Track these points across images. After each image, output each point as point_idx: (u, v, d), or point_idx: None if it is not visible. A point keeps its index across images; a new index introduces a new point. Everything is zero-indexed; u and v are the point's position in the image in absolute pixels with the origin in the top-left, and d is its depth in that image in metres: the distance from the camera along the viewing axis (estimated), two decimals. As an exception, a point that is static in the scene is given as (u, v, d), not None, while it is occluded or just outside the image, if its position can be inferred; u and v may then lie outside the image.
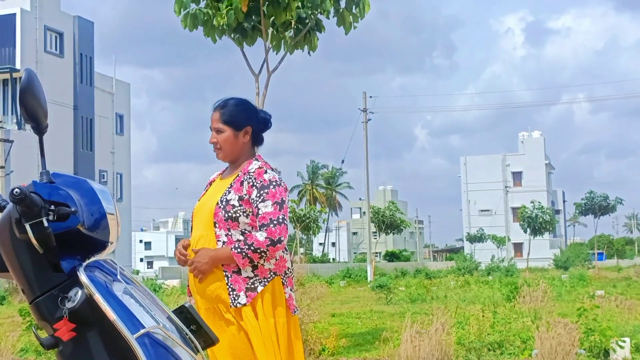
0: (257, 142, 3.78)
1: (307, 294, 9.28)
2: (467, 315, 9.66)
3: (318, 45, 9.86)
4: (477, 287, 22.60)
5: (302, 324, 8.34)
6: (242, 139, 3.68)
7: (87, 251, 2.17)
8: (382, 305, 16.51)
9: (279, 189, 3.56)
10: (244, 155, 3.71)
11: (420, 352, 7.20)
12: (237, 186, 3.58)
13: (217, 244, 3.53)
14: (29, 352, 9.22)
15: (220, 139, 3.66)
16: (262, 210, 3.49)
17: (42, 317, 2.12)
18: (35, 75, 2.18)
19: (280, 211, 3.51)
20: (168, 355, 2.10)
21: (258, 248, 3.44)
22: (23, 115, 2.18)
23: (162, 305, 2.26)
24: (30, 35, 44.20)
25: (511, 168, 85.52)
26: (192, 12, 9.27)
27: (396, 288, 22.31)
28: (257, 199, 3.52)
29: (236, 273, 3.49)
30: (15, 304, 18.94)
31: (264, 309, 3.50)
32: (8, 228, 2.12)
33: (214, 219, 3.55)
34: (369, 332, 10.24)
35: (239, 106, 3.72)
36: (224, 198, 3.56)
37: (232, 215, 3.53)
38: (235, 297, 3.48)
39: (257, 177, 3.56)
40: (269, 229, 3.45)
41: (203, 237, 3.60)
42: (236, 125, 3.67)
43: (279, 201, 3.52)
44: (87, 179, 2.29)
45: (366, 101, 44.38)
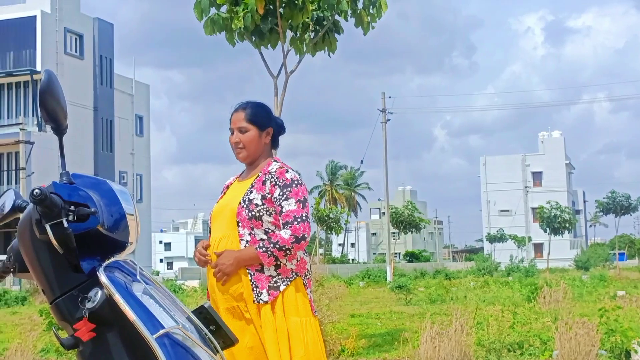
0: (275, 145, 3.84)
1: (326, 294, 9.28)
2: (487, 315, 9.60)
3: (337, 46, 9.87)
4: (496, 288, 22.48)
5: (321, 324, 8.33)
6: (264, 139, 3.73)
7: (106, 252, 2.18)
8: (401, 305, 16.48)
9: (301, 188, 3.61)
10: (263, 157, 3.74)
11: (440, 353, 7.18)
12: (259, 185, 3.60)
13: (241, 243, 3.55)
14: (49, 352, 9.28)
15: (245, 138, 3.69)
16: (286, 208, 3.52)
17: (63, 318, 2.13)
18: (55, 77, 2.19)
19: (304, 209, 3.55)
20: (188, 356, 2.10)
21: (283, 246, 3.46)
22: (43, 116, 2.20)
23: (181, 306, 2.27)
24: (50, 37, 44.51)
25: (531, 168, 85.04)
26: (212, 17, 9.30)
27: (416, 289, 22.25)
28: (280, 197, 3.55)
29: (259, 271, 3.51)
30: (36, 304, 19.09)
31: (285, 308, 3.51)
32: (29, 229, 2.13)
33: (237, 218, 3.57)
34: (389, 333, 10.22)
35: (261, 107, 3.79)
36: (247, 198, 3.58)
37: (255, 214, 3.55)
38: (258, 293, 3.50)
39: (279, 176, 3.59)
40: (293, 226, 3.48)
41: (225, 237, 3.61)
42: (260, 125, 3.72)
43: (302, 199, 3.57)
44: (107, 180, 2.30)
45: (385, 101, 44.30)
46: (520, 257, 55.58)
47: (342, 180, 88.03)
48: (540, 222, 58.11)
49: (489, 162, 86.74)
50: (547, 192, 76.68)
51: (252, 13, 9.06)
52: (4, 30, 44.67)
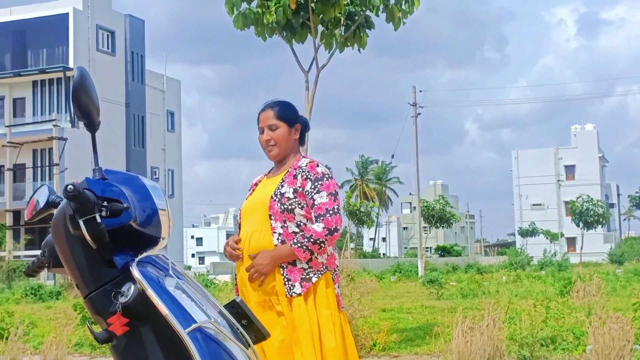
0: (301, 141, 3.90)
1: (357, 288, 9.27)
2: (519, 310, 9.53)
3: (368, 42, 9.84)
4: (529, 282, 22.30)
5: (353, 319, 8.34)
6: (294, 135, 3.79)
7: (139, 247, 2.19)
8: (433, 300, 16.42)
9: (332, 181, 3.66)
10: (292, 153, 3.79)
11: (472, 347, 7.14)
12: (290, 180, 3.65)
13: (273, 237, 3.59)
14: (84, 346, 9.38)
15: (276, 135, 3.73)
16: (318, 201, 3.58)
17: (96, 312, 2.15)
18: (88, 73, 2.21)
19: (335, 201, 3.61)
20: (220, 350, 2.11)
21: (317, 239, 3.51)
22: (76, 113, 2.21)
23: (213, 300, 2.28)
24: (82, 34, 44.95)
25: (564, 161, 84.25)
26: (243, 12, 9.32)
27: (447, 283, 22.14)
28: (312, 190, 3.60)
29: (291, 264, 3.56)
30: (70, 299, 19.31)
31: (316, 300, 3.56)
32: (62, 224, 2.15)
33: (270, 212, 3.61)
34: (420, 327, 10.18)
35: (288, 105, 3.84)
36: (278, 191, 3.63)
37: (287, 208, 3.59)
38: (290, 287, 3.54)
39: (310, 170, 3.65)
40: (325, 218, 3.54)
41: (257, 231, 3.64)
42: (290, 122, 3.77)
43: (333, 192, 3.62)
44: (139, 176, 2.31)
45: (416, 95, 44.14)
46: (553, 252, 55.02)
47: (373, 174, 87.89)
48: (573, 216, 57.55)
49: (521, 155, 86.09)
50: (580, 186, 75.92)
51: (283, 7, 9.07)
52: (37, 28, 45.20)
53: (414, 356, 7.94)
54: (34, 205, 2.41)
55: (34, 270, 2.56)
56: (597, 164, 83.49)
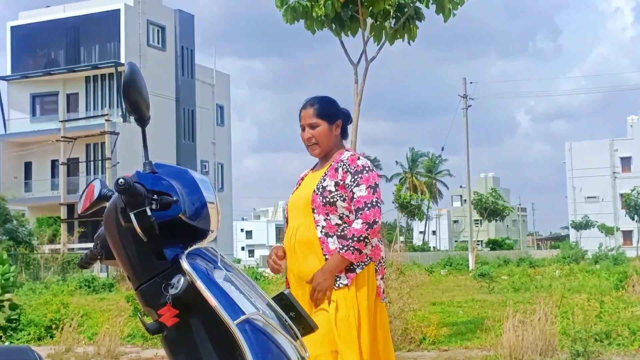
0: (344, 135, 3.92)
1: (407, 282, 9.25)
2: (573, 304, 9.41)
3: (418, 34, 9.78)
4: (582, 276, 21.95)
5: (402, 312, 8.34)
6: (335, 131, 3.83)
7: (188, 239, 2.20)
8: (484, 294, 16.29)
9: (372, 174, 3.69)
10: (335, 148, 3.83)
11: (524, 342, 7.08)
12: (331, 173, 3.71)
13: (317, 229, 3.65)
14: (136, 337, 9.54)
15: (316, 133, 3.79)
16: (357, 194, 3.62)
17: (147, 303, 2.17)
18: (138, 69, 2.23)
19: (374, 194, 3.63)
20: (268, 342, 2.12)
21: (360, 236, 3.55)
22: (127, 108, 2.24)
23: (261, 293, 2.29)
24: (133, 29, 45.50)
25: (619, 153, 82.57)
26: (292, 5, 9.34)
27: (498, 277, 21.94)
28: (352, 183, 3.64)
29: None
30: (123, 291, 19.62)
31: (357, 290, 3.61)
32: (114, 217, 2.19)
33: (312, 205, 3.68)
34: (471, 321, 10.13)
35: (328, 101, 3.87)
36: (320, 185, 3.69)
37: (329, 200, 3.65)
38: (337, 278, 3.59)
39: (350, 164, 3.69)
40: (363, 212, 3.58)
41: (302, 224, 3.71)
42: (330, 119, 3.81)
43: (372, 185, 3.65)
44: (189, 169, 2.33)
45: (466, 87, 43.70)
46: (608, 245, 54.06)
47: (423, 167, 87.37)
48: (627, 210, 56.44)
49: (575, 147, 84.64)
50: (637, 178, 74.35)
51: (332, 0, 9.07)
52: (89, 24, 45.91)
53: (464, 350, 7.90)
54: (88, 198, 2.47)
55: (87, 262, 2.61)
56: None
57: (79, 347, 8.99)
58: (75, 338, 9.20)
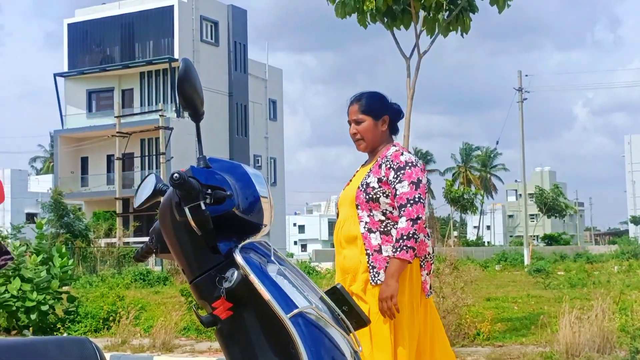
0: (394, 131, 3.92)
1: (461, 277, 9.18)
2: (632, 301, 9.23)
3: (471, 26, 9.69)
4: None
5: (456, 307, 8.28)
6: (380, 127, 3.83)
7: (242, 233, 2.22)
8: (539, 289, 16.06)
9: (415, 170, 3.67)
10: (382, 143, 3.84)
11: (581, 338, 6.98)
12: (375, 169, 3.73)
13: (360, 225, 3.68)
14: (190, 330, 9.65)
15: (361, 129, 3.81)
16: (400, 190, 3.63)
17: (201, 297, 2.20)
18: (192, 65, 2.26)
19: (417, 190, 3.62)
20: (321, 335, 2.13)
21: (407, 233, 3.55)
22: (181, 104, 2.27)
23: (314, 287, 2.29)
24: (187, 25, 45.92)
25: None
26: (343, 0, 9.33)
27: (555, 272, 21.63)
28: (395, 180, 3.65)
29: (377, 252, 3.63)
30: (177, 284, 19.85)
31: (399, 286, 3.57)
32: (169, 211, 2.22)
33: (356, 202, 3.71)
34: (526, 317, 10.01)
35: (374, 97, 3.87)
36: (364, 182, 3.72)
37: (372, 197, 3.68)
38: (375, 274, 3.61)
39: (393, 160, 3.70)
40: (406, 209, 3.58)
41: (348, 219, 3.76)
42: (375, 115, 3.81)
43: (415, 181, 3.64)
44: (242, 164, 2.35)
45: (522, 80, 43.11)
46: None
47: (477, 161, 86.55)
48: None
49: (634, 140, 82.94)
50: (699, 172, 72.59)
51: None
52: (143, 20, 46.47)
53: (520, 346, 7.82)
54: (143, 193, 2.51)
55: (143, 255, 2.66)
56: None
57: (135, 339, 9.15)
58: (131, 330, 9.36)
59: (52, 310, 10.41)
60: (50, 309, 10.38)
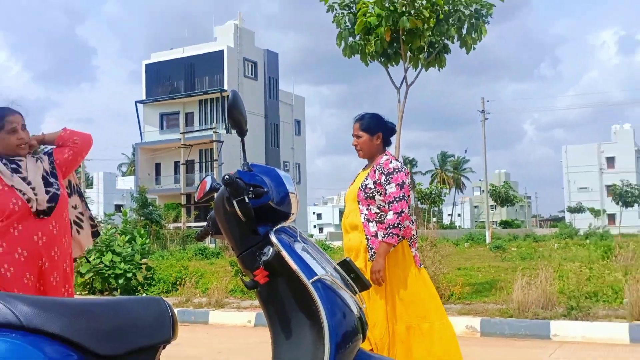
0: (387, 143, 3.90)
1: (438, 252, 9.14)
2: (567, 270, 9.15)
3: (446, 63, 9.64)
4: (576, 249, 21.31)
5: (435, 275, 8.24)
6: (375, 141, 3.82)
7: (275, 220, 2.22)
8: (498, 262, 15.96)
9: (401, 174, 3.67)
10: (377, 153, 3.84)
11: (529, 298, 6.94)
12: (372, 174, 3.74)
13: (361, 216, 3.69)
14: (236, 291, 9.67)
15: (360, 142, 3.83)
16: (389, 191, 3.64)
17: (245, 267, 2.21)
18: (238, 95, 2.26)
19: (401, 190, 3.63)
20: (335, 296, 2.12)
21: (394, 224, 3.57)
22: (230, 124, 2.27)
23: (329, 259, 2.29)
24: (233, 65, 46.04)
25: (605, 154, 79.83)
26: (350, 44, 9.31)
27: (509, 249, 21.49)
28: (385, 182, 3.66)
29: (374, 237, 3.64)
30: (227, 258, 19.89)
31: (389, 262, 3.61)
32: (221, 203, 2.22)
33: (357, 198, 3.73)
34: (488, 282, 9.95)
35: (372, 118, 3.85)
36: (364, 183, 3.73)
37: (369, 195, 3.69)
38: (372, 254, 3.62)
39: (384, 166, 3.71)
40: (393, 205, 3.60)
41: (351, 211, 3.77)
42: (371, 132, 3.81)
43: (400, 183, 3.64)
44: (275, 168, 2.35)
45: (484, 104, 42.83)
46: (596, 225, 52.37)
47: (451, 165, 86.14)
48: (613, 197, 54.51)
49: (570, 150, 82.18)
50: (619, 173, 71.94)
51: (381, 40, 9.02)
52: (201, 61, 46.65)
53: (483, 304, 7.77)
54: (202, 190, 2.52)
55: (202, 236, 2.67)
56: (634, 156, 78.68)
57: (195, 298, 9.18)
58: (193, 292, 9.39)
59: (134, 276, 10.48)
60: (133, 275, 10.45)
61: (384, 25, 8.88)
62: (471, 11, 9.24)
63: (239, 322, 7.87)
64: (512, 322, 6.59)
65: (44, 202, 3.10)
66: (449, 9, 9.17)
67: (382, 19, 8.89)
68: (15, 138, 3.14)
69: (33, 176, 3.13)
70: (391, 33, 8.97)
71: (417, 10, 8.90)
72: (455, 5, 9.18)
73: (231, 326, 7.82)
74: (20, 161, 3.17)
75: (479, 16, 9.26)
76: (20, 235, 3.02)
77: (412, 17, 8.81)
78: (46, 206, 3.10)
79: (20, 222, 3.02)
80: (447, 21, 9.17)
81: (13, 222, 3.01)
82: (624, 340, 6.05)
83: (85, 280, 10.37)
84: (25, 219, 3.03)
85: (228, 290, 9.37)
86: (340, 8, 9.39)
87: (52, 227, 3.11)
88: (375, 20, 8.95)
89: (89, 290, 10.47)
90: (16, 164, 3.14)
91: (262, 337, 5.37)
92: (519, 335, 6.43)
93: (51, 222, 3.11)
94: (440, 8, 9.06)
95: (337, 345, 2.05)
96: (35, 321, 1.65)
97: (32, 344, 1.62)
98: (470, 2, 9.20)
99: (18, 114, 3.19)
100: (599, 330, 6.19)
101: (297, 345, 2.13)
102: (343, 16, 9.37)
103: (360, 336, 2.16)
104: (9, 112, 3.17)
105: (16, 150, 3.16)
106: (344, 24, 9.35)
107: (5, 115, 3.15)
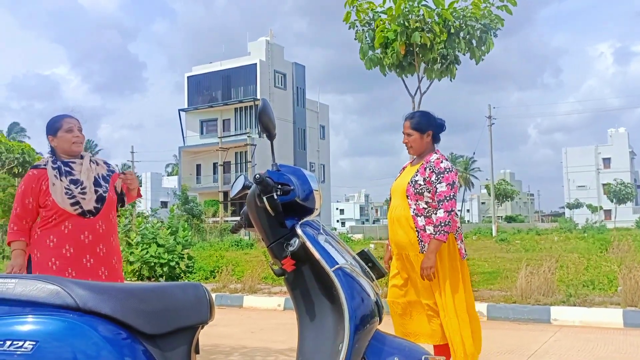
0: (436, 140, 3.65)
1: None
2: (567, 261, 9.01)
3: (456, 74, 9.55)
4: (575, 242, 20.96)
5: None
6: (425, 139, 3.58)
7: (301, 214, 2.22)
8: (503, 253, 15.78)
9: (451, 174, 3.47)
10: (427, 150, 3.60)
11: (532, 286, 6.85)
12: (422, 171, 3.51)
13: (410, 209, 3.49)
14: (267, 278, 9.70)
15: (410, 140, 3.58)
16: (439, 189, 3.43)
17: (274, 256, 2.21)
18: (269, 103, 2.26)
19: (452, 190, 3.43)
20: (354, 283, 2.11)
21: (444, 221, 3.37)
22: (261, 129, 2.27)
23: (349, 250, 2.28)
24: (265, 76, 46.21)
25: (602, 155, 78.40)
26: (370, 57, 9.28)
27: (513, 241, 21.23)
28: (436, 181, 3.45)
29: (422, 230, 3.45)
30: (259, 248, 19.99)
31: (440, 254, 3.45)
32: (253, 199, 2.22)
33: (406, 194, 3.51)
34: (494, 271, 9.84)
35: (422, 117, 3.62)
36: (413, 179, 3.51)
37: (418, 191, 3.48)
38: (423, 246, 3.44)
39: (436, 165, 3.48)
40: (444, 204, 3.40)
41: (399, 205, 3.54)
42: (421, 130, 3.57)
43: (451, 182, 3.45)
44: (301, 168, 2.35)
45: (491, 111, 42.36)
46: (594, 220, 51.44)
47: (460, 165, 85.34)
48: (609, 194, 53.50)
49: (569, 151, 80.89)
50: (615, 173, 70.56)
51: (397, 53, 8.96)
52: (236, 73, 46.89)
53: (490, 291, 7.69)
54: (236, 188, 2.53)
55: (236, 229, 2.67)
56: (628, 157, 77.15)
57: (231, 284, 9.23)
58: (229, 278, 9.45)
59: (177, 265, 10.56)
60: (176, 264, 10.52)
61: (399, 40, 8.83)
62: (481, 25, 9.14)
63: (269, 305, 7.89)
64: (515, 307, 6.50)
65: (91, 202, 3.14)
66: (460, 23, 9.08)
67: (398, 34, 8.84)
68: (72, 136, 3.22)
69: (85, 178, 3.19)
70: (405, 47, 8.91)
71: (428, 26, 8.83)
72: (465, 20, 9.09)
73: (263, 309, 7.85)
74: (74, 164, 3.22)
75: (487, 30, 9.15)
76: (70, 233, 3.08)
77: (424, 33, 8.75)
78: (93, 206, 3.13)
79: (70, 221, 3.09)
80: (457, 35, 9.08)
81: (64, 220, 3.08)
82: (618, 325, 5.94)
83: (134, 268, 10.48)
84: (74, 218, 3.10)
85: (260, 278, 9.40)
86: (361, 25, 9.37)
87: (99, 227, 3.14)
88: (392, 35, 8.91)
89: (137, 277, 10.60)
90: (69, 167, 3.20)
91: (290, 319, 5.38)
92: (522, 319, 6.35)
93: (98, 221, 3.14)
94: (451, 23, 8.98)
95: (356, 326, 2.04)
96: (89, 303, 1.68)
97: (87, 323, 1.65)
98: (480, 17, 9.09)
99: (75, 119, 3.30)
100: (595, 315, 6.09)
101: (320, 326, 2.13)
102: (364, 32, 9.34)
103: (377, 319, 2.15)
104: (67, 117, 3.28)
105: (72, 147, 3.22)
106: (364, 39, 9.32)
107: (64, 118, 3.27)
